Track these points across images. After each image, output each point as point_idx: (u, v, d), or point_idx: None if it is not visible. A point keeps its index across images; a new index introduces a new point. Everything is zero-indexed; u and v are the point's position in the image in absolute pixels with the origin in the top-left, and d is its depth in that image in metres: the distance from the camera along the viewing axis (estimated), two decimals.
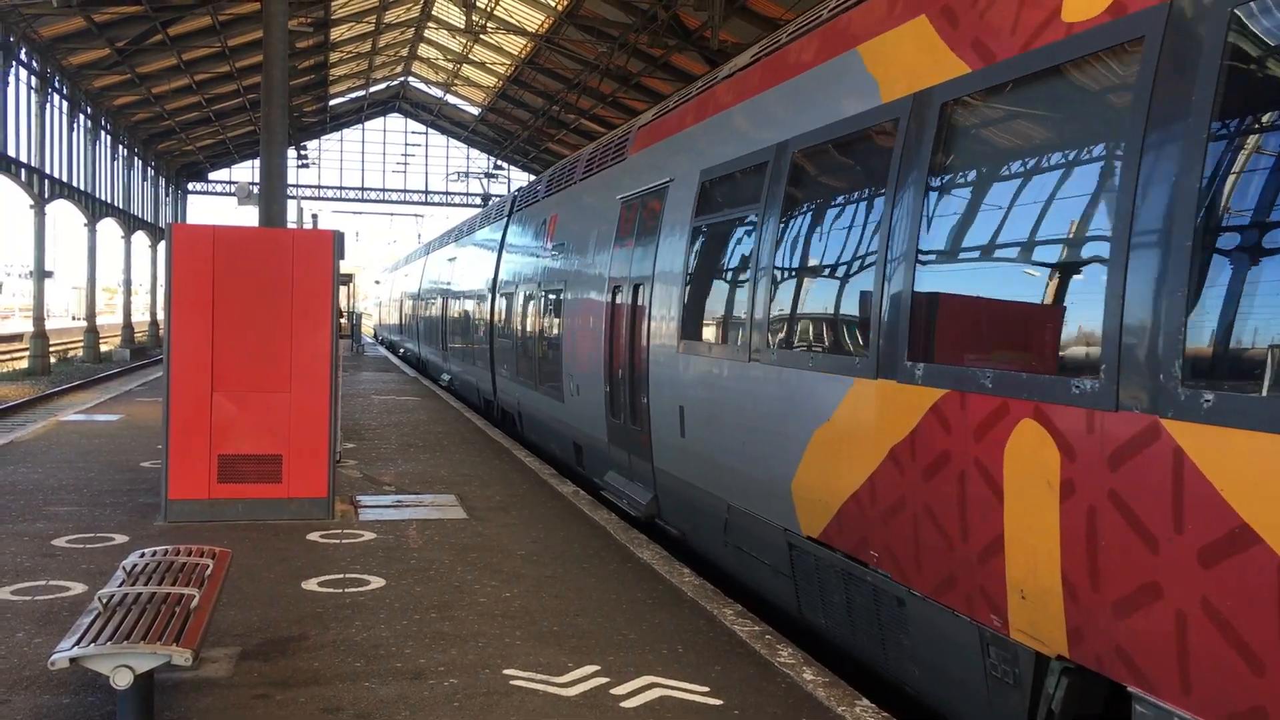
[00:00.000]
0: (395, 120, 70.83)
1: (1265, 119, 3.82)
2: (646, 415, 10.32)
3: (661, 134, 11.21)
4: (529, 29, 41.95)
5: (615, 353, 11.43)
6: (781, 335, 7.36)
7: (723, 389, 8.32)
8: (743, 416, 7.91)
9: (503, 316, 18.98)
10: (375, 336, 67.36)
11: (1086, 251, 4.57)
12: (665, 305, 9.84)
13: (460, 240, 27.88)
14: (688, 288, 9.33)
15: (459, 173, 61.87)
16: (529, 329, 16.45)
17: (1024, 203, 5.05)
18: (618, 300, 11.50)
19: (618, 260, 11.65)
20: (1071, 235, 4.69)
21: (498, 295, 19.67)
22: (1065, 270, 4.76)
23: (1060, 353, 4.66)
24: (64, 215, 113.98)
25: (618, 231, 11.85)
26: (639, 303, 10.68)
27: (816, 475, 6.72)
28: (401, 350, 45.25)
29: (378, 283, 72.67)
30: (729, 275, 8.51)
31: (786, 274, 7.39)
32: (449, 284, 27.87)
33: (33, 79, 35.04)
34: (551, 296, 14.90)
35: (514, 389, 17.86)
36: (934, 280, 5.66)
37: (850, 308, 6.51)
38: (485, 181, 60.43)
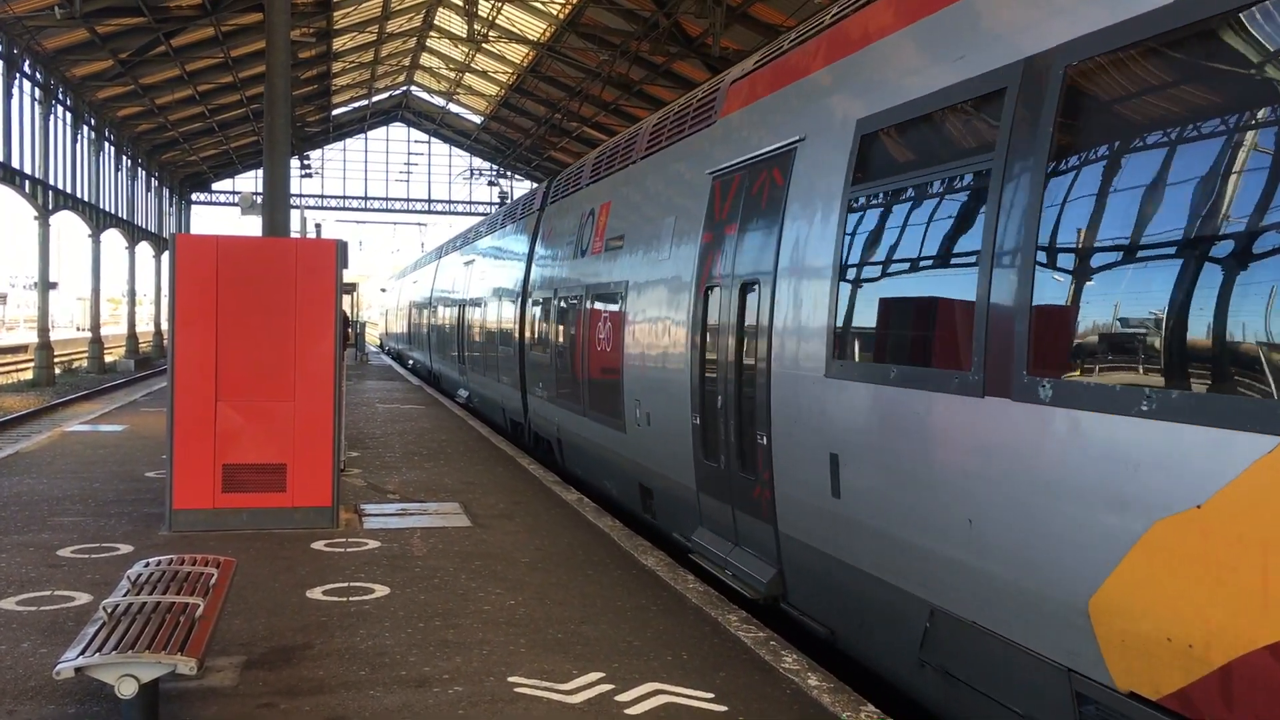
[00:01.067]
0: (398, 129, 70.99)
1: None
2: (767, 461, 7.67)
3: (775, 83, 8.57)
4: (531, 37, 42.04)
5: (711, 374, 8.89)
6: (1061, 357, 4.71)
7: (928, 437, 5.63)
8: (972, 480, 5.25)
9: (538, 326, 16.04)
10: (381, 346, 65.88)
11: None
12: (800, 311, 7.23)
13: (480, 241, 24.95)
14: (845, 285, 6.68)
15: (473, 170, 60.81)
16: (573, 341, 13.56)
17: None
18: (713, 305, 8.91)
19: (712, 254, 9.00)
20: None
21: (531, 301, 16.76)
22: None
23: None
24: (68, 226, 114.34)
25: (709, 217, 9.17)
26: (751, 308, 8.12)
27: (1158, 596, 4.13)
28: (410, 361, 42.75)
29: (384, 290, 71.05)
30: (935, 263, 5.82)
31: (1076, 255, 4.69)
32: (467, 290, 24.97)
33: (36, 91, 35.14)
34: (605, 303, 12.15)
35: (552, 411, 15.00)
36: None
37: (1249, 311, 3.83)
38: (497, 181, 60.53)
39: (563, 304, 14.30)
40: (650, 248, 10.79)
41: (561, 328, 14.37)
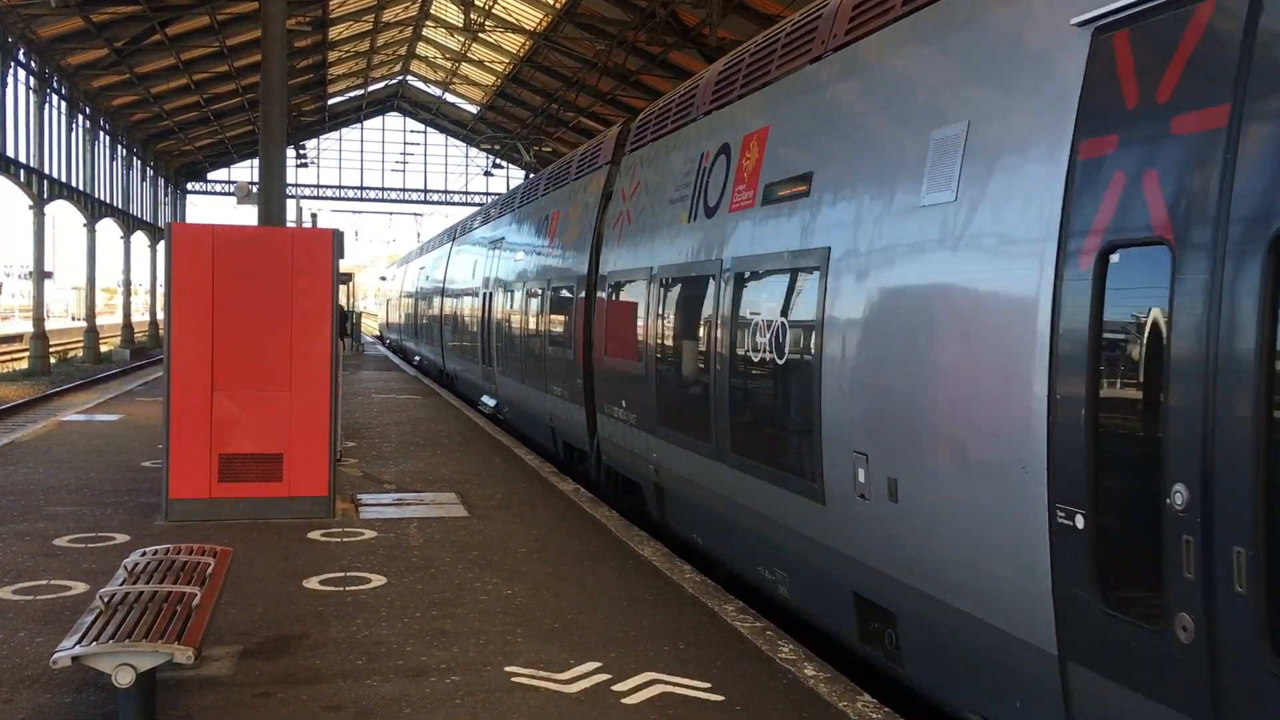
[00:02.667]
0: (394, 119, 70.81)
1: None
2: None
3: None
4: (527, 27, 41.94)
5: (1116, 419, 4.61)
6: None
7: None
8: None
9: (617, 320, 11.61)
10: (382, 339, 61.66)
11: None
12: None
13: (512, 214, 20.37)
14: None
15: (501, 141, 51.41)
16: (694, 343, 9.18)
17: None
18: (1125, 281, 4.53)
19: (1119, 182, 4.53)
20: None
21: (605, 285, 12.14)
22: None
23: None
24: (63, 215, 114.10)
25: (1111, 102, 4.66)
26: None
27: None
28: (417, 358, 37.92)
29: (384, 279, 66.47)
30: None
31: None
32: (495, 273, 20.38)
33: (31, 79, 35.02)
34: (769, 285, 7.81)
35: (645, 443, 10.60)
36: None
37: None
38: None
39: (667, 288, 9.93)
40: (890, 188, 6.25)
41: (667, 322, 9.97)
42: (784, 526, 7.53)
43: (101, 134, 43.84)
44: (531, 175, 21.76)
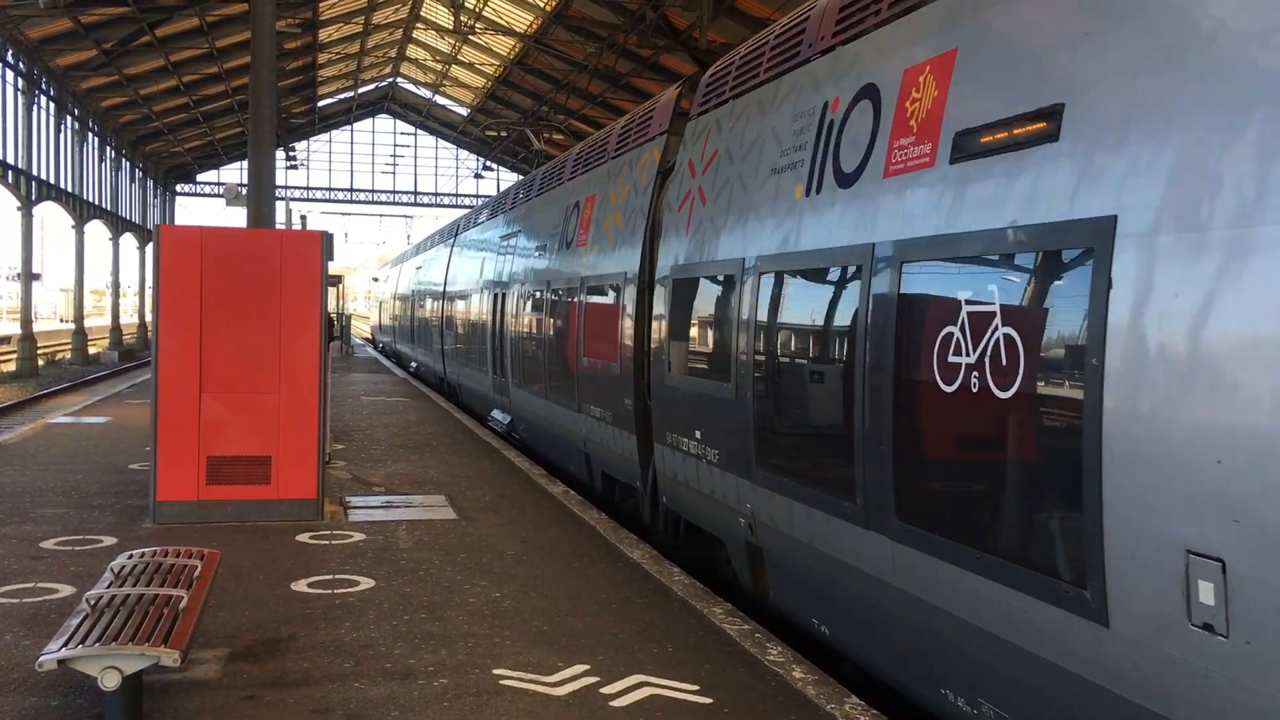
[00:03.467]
0: (384, 121, 70.77)
1: None
2: None
3: None
4: (517, 29, 41.95)
5: None
6: None
7: None
8: None
9: (683, 331, 9.37)
10: (374, 343, 58.26)
11: None
12: None
13: (522, 207, 17.80)
14: None
15: (500, 129, 48.25)
16: (848, 363, 6.44)
17: None
18: None
19: None
20: None
21: (663, 285, 9.70)
22: None
23: None
24: (51, 217, 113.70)
25: None
26: None
27: None
28: (414, 365, 34.58)
29: (376, 279, 62.42)
30: None
31: None
32: (505, 275, 17.74)
33: (19, 80, 34.90)
34: (980, 281, 5.23)
35: (734, 489, 8.11)
36: None
37: None
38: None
39: (774, 285, 7.46)
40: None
41: (775, 331, 7.47)
42: (1008, 643, 4.93)
43: (90, 135, 43.71)
44: (532, 173, 18.79)
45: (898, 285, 5.83)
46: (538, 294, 15.07)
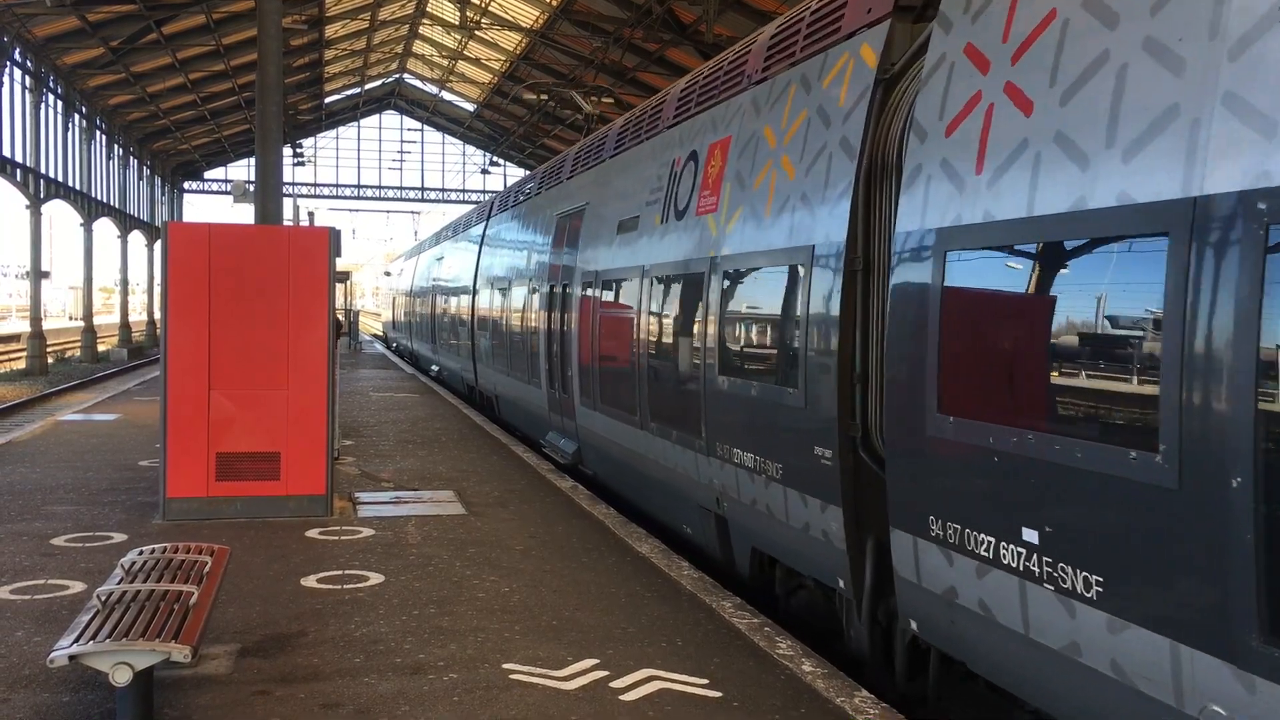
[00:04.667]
0: (391, 117, 70.75)
1: None
2: None
3: None
4: (523, 24, 41.92)
5: None
6: None
7: None
8: None
9: (973, 344, 5.21)
10: (387, 342, 54.34)
11: None
12: None
13: (587, 171, 14.31)
14: None
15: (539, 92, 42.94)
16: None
17: None
18: None
19: None
20: None
21: (906, 272, 5.76)
22: None
23: None
24: (60, 215, 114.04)
25: None
26: None
27: None
28: (435, 368, 30.53)
29: (388, 274, 58.50)
30: None
31: None
32: (567, 262, 14.09)
33: (27, 79, 34.97)
34: None
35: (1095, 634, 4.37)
36: None
37: None
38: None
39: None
40: None
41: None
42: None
43: (98, 133, 43.80)
44: (598, 131, 15.22)
45: None
46: (624, 284, 11.30)
